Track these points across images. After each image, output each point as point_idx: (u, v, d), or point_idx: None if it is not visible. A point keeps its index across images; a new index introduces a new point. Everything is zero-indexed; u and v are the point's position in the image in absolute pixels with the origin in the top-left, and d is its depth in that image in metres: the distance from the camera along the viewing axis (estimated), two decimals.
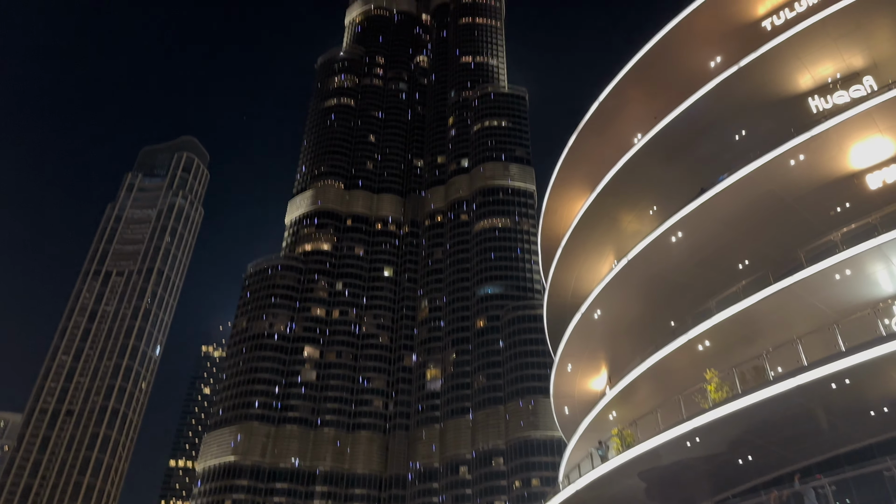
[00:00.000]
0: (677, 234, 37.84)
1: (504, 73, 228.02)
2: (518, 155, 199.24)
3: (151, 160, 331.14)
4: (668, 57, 45.20)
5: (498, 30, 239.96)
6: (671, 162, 43.11)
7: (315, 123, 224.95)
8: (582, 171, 50.85)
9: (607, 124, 48.70)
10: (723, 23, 43.29)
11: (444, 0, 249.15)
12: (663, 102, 43.64)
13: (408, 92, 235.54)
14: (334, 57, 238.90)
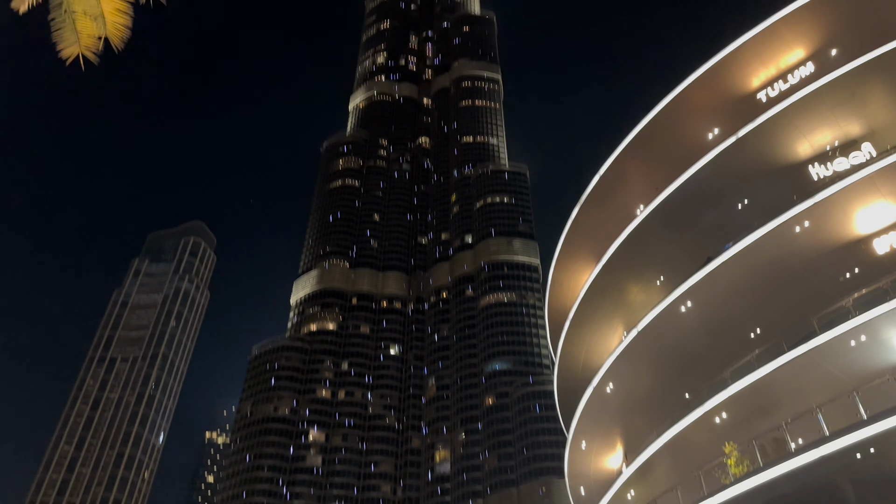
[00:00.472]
0: (686, 303, 37.50)
1: (504, 151, 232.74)
2: (521, 230, 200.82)
3: (159, 245, 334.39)
4: (667, 129, 46.01)
5: (497, 111, 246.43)
6: (675, 232, 43.22)
7: (320, 204, 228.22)
8: (586, 244, 50.92)
9: (609, 196, 49.13)
10: (718, 96, 44.27)
11: (445, 85, 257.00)
12: (664, 174, 44.12)
13: (411, 172, 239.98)
14: (339, 140, 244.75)
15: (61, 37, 8.65)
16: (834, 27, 40.16)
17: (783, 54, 41.88)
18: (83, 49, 8.72)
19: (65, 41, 8.66)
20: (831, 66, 38.35)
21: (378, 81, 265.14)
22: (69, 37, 8.63)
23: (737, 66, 42.94)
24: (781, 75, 42.46)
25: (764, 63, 42.43)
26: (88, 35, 8.66)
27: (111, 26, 8.60)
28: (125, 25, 8.62)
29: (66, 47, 8.66)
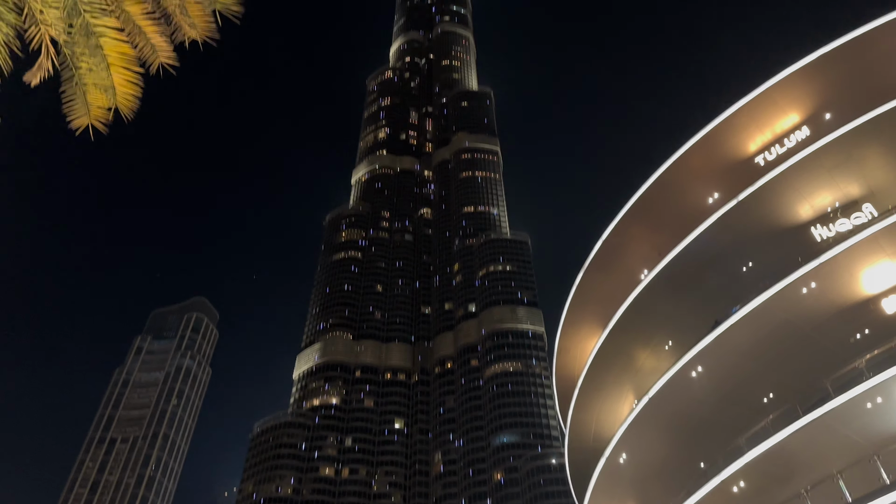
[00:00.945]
0: (697, 368, 36.92)
1: (505, 219, 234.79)
2: (525, 298, 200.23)
3: (161, 322, 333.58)
4: (667, 194, 46.43)
5: (497, 181, 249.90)
6: (681, 296, 42.98)
7: (323, 277, 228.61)
8: (591, 309, 50.59)
9: (613, 261, 49.12)
10: (716, 161, 44.87)
11: (445, 157, 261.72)
12: (667, 238, 44.25)
13: (413, 242, 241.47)
14: (342, 213, 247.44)
15: (72, 108, 8.79)
16: (826, 92, 41.08)
17: (778, 119, 42.69)
18: (93, 120, 8.85)
19: (75, 112, 8.80)
20: (826, 129, 38.99)
21: (380, 155, 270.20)
22: (80, 108, 8.78)
23: (733, 131, 43.71)
24: (778, 139, 43.16)
25: (760, 128, 43.21)
26: (98, 106, 8.80)
27: (121, 97, 8.75)
28: (135, 95, 8.77)
29: (77, 118, 8.80)
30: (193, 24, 8.56)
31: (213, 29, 8.57)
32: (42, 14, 8.26)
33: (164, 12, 8.67)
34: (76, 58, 8.54)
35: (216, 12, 8.50)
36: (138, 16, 8.53)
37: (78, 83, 8.64)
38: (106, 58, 8.43)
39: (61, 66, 8.63)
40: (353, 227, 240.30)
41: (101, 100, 8.75)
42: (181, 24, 8.65)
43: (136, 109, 8.70)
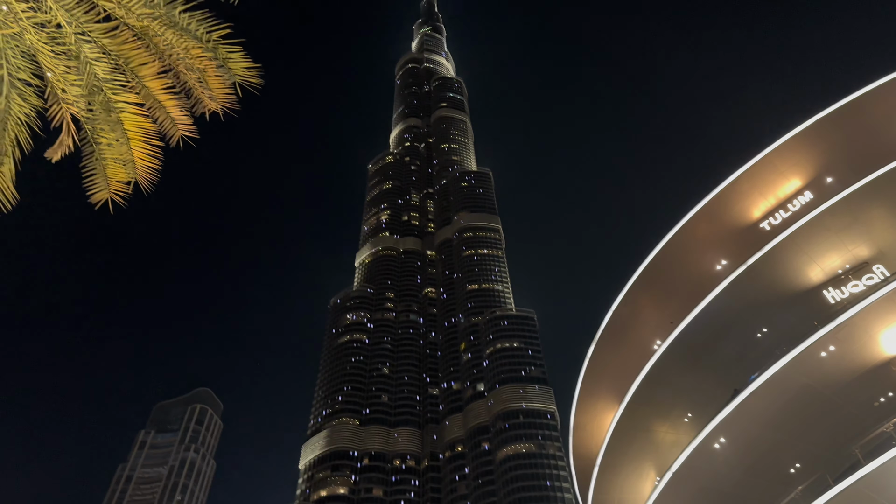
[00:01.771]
0: (719, 440, 35.76)
1: (510, 296, 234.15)
2: (534, 375, 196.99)
3: (165, 415, 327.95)
4: (674, 263, 46.31)
5: (500, 258, 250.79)
6: (697, 366, 42.18)
7: (328, 361, 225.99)
8: (606, 383, 49.58)
9: (624, 333, 48.49)
10: (722, 227, 44.97)
11: (447, 237, 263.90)
12: (677, 307, 43.84)
13: (418, 323, 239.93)
14: (346, 296, 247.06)
15: (91, 183, 8.77)
16: (826, 156, 41.59)
17: (780, 184, 43.05)
18: (111, 194, 8.81)
19: (95, 187, 8.77)
20: (829, 192, 39.27)
21: (382, 237, 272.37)
22: (100, 183, 8.74)
23: (736, 197, 44.02)
24: (781, 204, 43.38)
25: (763, 194, 43.51)
26: (118, 181, 8.77)
27: (141, 170, 8.74)
28: (154, 168, 8.75)
29: (97, 192, 8.76)
30: (213, 96, 8.62)
31: (232, 100, 8.63)
32: (64, 93, 8.33)
33: (184, 86, 8.75)
34: (97, 133, 8.58)
35: (236, 84, 8.56)
36: (158, 91, 8.61)
37: (98, 158, 8.64)
38: (126, 132, 8.47)
39: (82, 142, 8.66)
40: (357, 310, 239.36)
41: (121, 174, 8.74)
42: (201, 97, 8.72)
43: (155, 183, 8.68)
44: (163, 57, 8.39)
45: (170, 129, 8.73)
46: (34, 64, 8.37)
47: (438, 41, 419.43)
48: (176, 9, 8.17)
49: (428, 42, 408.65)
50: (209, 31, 8.30)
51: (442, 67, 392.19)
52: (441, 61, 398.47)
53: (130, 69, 8.36)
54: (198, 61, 8.30)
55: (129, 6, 7.91)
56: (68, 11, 7.93)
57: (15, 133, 8.49)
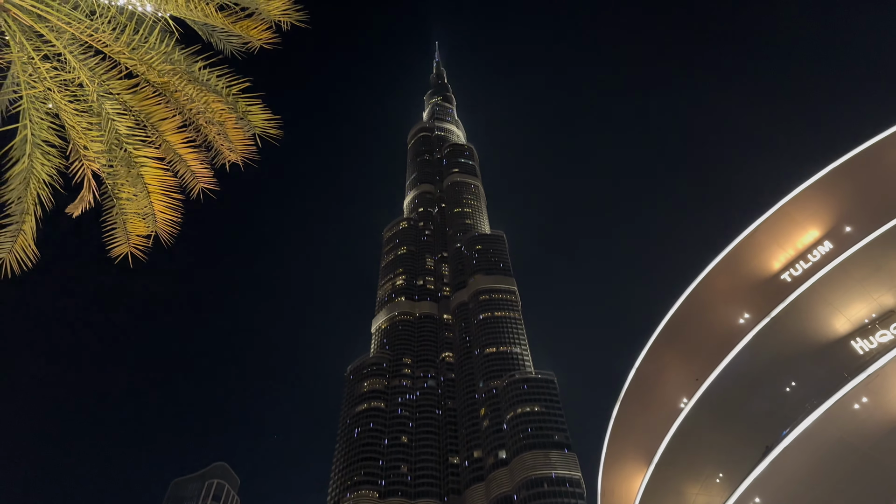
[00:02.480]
0: (754, 500, 34.33)
1: (529, 359, 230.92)
2: (557, 440, 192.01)
3: (181, 491, 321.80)
4: (695, 318, 45.60)
5: (517, 320, 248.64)
6: (726, 423, 40.91)
7: (346, 431, 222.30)
8: (632, 445, 48.15)
9: (649, 391, 47.39)
10: (742, 280, 44.43)
11: (463, 300, 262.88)
12: (702, 363, 42.94)
13: (436, 388, 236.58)
14: (363, 363, 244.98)
15: (112, 237, 8.76)
16: (843, 205, 41.31)
17: (798, 235, 42.67)
18: (131, 248, 8.78)
19: (116, 241, 8.76)
20: (848, 241, 38.85)
21: (398, 302, 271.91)
22: (120, 237, 8.74)
23: (754, 250, 43.62)
24: (801, 255, 42.89)
25: (781, 245, 43.09)
26: (138, 234, 8.76)
27: (162, 223, 8.73)
28: (175, 220, 8.75)
29: (117, 247, 8.74)
30: (233, 147, 8.68)
31: (252, 151, 8.68)
32: (86, 150, 8.42)
33: (204, 139, 8.83)
34: (117, 188, 8.63)
35: (255, 136, 8.63)
36: (178, 144, 8.69)
37: (118, 212, 8.67)
38: (147, 186, 8.51)
39: (102, 197, 8.70)
40: (374, 377, 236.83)
41: (140, 228, 8.74)
42: (221, 149, 8.78)
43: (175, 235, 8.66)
44: (183, 111, 8.50)
45: (190, 181, 8.78)
46: (56, 123, 8.49)
47: (448, 110, 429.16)
48: (196, 64, 8.31)
49: (438, 111, 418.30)
50: (229, 86, 8.43)
51: (452, 135, 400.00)
52: (452, 129, 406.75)
53: (151, 124, 8.47)
54: (218, 114, 8.39)
55: (150, 62, 8.06)
56: (91, 70, 8.08)
57: (37, 191, 8.54)
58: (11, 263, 8.51)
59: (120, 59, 8.11)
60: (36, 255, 8.58)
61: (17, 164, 8.47)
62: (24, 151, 8.48)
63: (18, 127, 8.42)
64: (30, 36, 7.84)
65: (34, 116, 8.36)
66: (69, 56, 7.93)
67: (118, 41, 7.89)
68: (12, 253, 8.48)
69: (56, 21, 7.71)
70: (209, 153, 8.88)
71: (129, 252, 8.72)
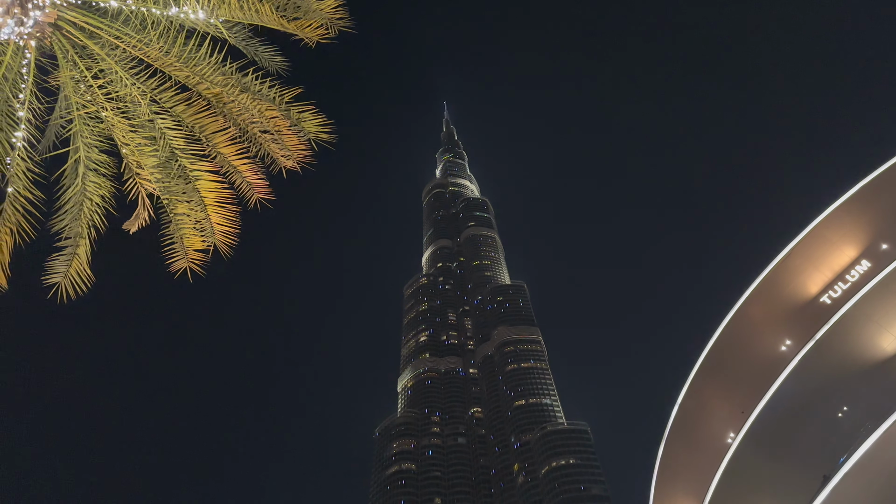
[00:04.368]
0: None
1: (560, 409, 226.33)
2: (595, 493, 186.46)
3: None
4: (735, 349, 44.45)
5: (545, 371, 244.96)
6: (777, 455, 39.32)
7: (378, 495, 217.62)
8: (681, 485, 46.34)
9: (693, 428, 45.87)
10: (779, 306, 43.42)
11: (488, 352, 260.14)
12: (746, 395, 41.61)
13: (467, 445, 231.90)
14: (391, 423, 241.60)
15: (171, 252, 8.57)
16: (877, 223, 40.55)
17: (834, 256, 41.81)
18: (190, 263, 8.57)
19: (174, 256, 8.56)
20: (886, 259, 37.99)
21: (423, 359, 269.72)
22: (178, 252, 8.55)
23: (790, 275, 42.74)
24: (839, 277, 41.92)
25: (817, 267, 42.21)
26: (195, 249, 8.57)
27: (219, 236, 8.54)
28: (233, 232, 8.54)
29: (175, 262, 8.55)
30: (289, 154, 8.54)
31: (307, 156, 8.52)
32: (139, 167, 8.30)
33: (258, 150, 8.70)
34: (173, 204, 8.48)
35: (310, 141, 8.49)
36: (233, 156, 8.56)
37: (175, 228, 8.50)
38: (203, 199, 8.35)
39: (158, 213, 8.55)
40: (403, 437, 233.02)
41: (197, 243, 8.56)
42: (276, 156, 8.64)
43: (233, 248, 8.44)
44: (236, 122, 8.39)
45: (247, 193, 8.62)
46: (108, 143, 8.40)
47: (461, 165, 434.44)
48: (248, 75, 8.23)
49: (451, 167, 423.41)
50: (280, 95, 8.33)
51: (466, 189, 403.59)
52: (465, 183, 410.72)
53: (205, 137, 8.36)
54: (272, 122, 8.28)
55: (203, 74, 8.00)
56: (143, 85, 8.01)
57: (91, 214, 8.39)
58: (66, 288, 8.33)
59: (171, 73, 8.05)
60: (90, 278, 8.38)
61: (71, 188, 8.36)
62: (76, 174, 8.37)
63: (70, 151, 8.34)
64: (81, 54, 7.80)
65: (86, 138, 8.27)
66: (121, 72, 7.88)
67: (169, 55, 7.84)
68: (67, 277, 8.30)
69: (108, 37, 7.68)
70: (263, 164, 8.76)
71: (187, 267, 8.55)
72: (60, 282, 8.31)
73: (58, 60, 8.04)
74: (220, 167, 8.56)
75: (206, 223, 8.46)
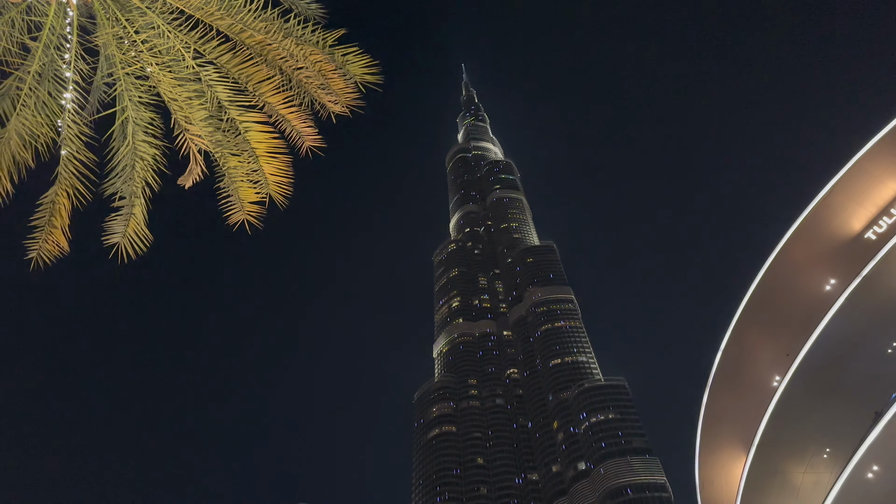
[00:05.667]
0: (871, 469, 32.30)
1: (596, 366, 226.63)
2: (636, 446, 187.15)
3: None
4: (779, 291, 43.75)
5: (579, 329, 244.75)
6: (826, 395, 38.86)
7: (421, 458, 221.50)
8: (727, 431, 46.22)
9: (737, 374, 45.52)
10: (822, 245, 42.50)
11: (521, 314, 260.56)
12: (791, 337, 41.07)
13: (505, 406, 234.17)
14: (429, 389, 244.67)
15: (227, 205, 8.54)
16: None
17: (877, 190, 40.64)
18: (247, 215, 8.54)
19: (231, 209, 8.54)
20: None
21: (456, 324, 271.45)
22: (235, 205, 8.52)
23: (832, 212, 41.71)
24: (883, 211, 40.80)
25: (860, 203, 41.11)
26: (250, 202, 8.53)
27: (274, 186, 8.47)
28: (287, 182, 8.46)
29: (233, 214, 8.52)
30: (337, 99, 8.38)
31: (355, 98, 8.36)
32: (188, 122, 8.21)
33: (303, 98, 8.56)
34: (224, 157, 8.41)
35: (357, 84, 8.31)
36: (280, 105, 8.43)
37: (229, 181, 8.45)
38: (255, 151, 8.27)
39: (212, 167, 8.51)
40: (442, 401, 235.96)
41: (251, 195, 8.51)
42: (324, 102, 8.49)
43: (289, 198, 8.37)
44: (281, 69, 8.24)
45: (297, 142, 8.51)
46: (155, 100, 8.31)
47: (483, 128, 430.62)
48: (290, 20, 8.05)
49: (473, 131, 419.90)
50: (324, 38, 8.14)
51: (490, 152, 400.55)
52: (488, 146, 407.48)
53: (251, 87, 8.24)
54: (317, 66, 8.10)
55: (245, 22, 7.82)
56: (186, 37, 7.87)
57: (143, 172, 8.35)
58: (126, 248, 8.35)
59: (213, 23, 7.90)
60: (148, 238, 8.38)
61: (121, 148, 8.31)
62: (125, 134, 8.32)
63: (117, 111, 8.27)
64: (121, 8, 7.67)
65: (133, 97, 8.19)
66: (163, 25, 7.74)
67: (209, 3, 7.68)
68: (126, 237, 8.31)
69: None
70: (310, 111, 8.62)
71: (245, 219, 8.51)
72: (120, 242, 8.35)
73: (97, 20, 7.93)
74: (269, 116, 8.45)
75: (260, 174, 8.40)
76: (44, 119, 7.81)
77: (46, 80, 7.80)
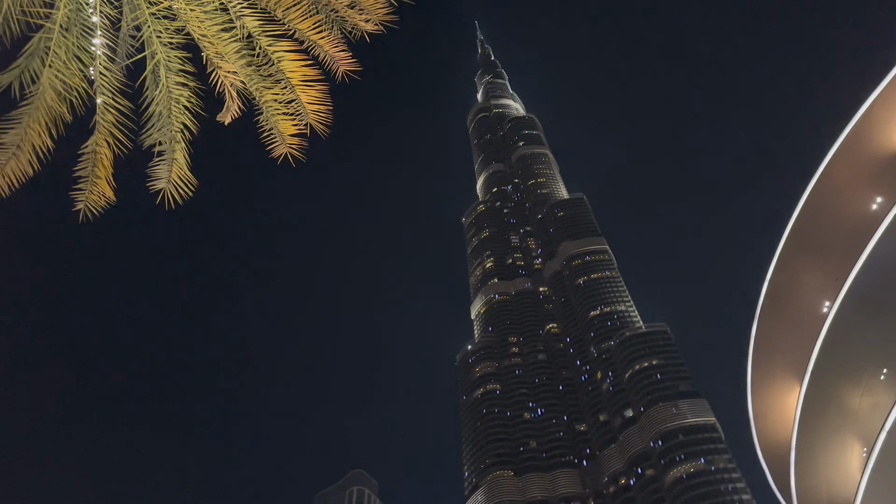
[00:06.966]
0: None
1: (636, 314, 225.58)
2: (683, 390, 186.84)
3: (326, 503, 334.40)
4: (823, 215, 42.60)
5: (615, 279, 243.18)
6: (879, 316, 37.98)
7: (468, 418, 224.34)
8: (778, 362, 45.63)
9: (786, 303, 44.71)
10: (866, 163, 41.11)
11: (556, 269, 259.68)
12: (839, 261, 40.04)
13: (548, 361, 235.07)
14: (470, 350, 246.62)
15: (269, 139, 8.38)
16: None
17: None
18: (288, 148, 8.37)
19: (273, 143, 8.38)
20: None
21: (492, 285, 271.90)
22: (276, 139, 8.35)
23: (875, 127, 40.17)
24: None
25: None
26: (290, 135, 8.34)
27: (314, 116, 8.25)
28: (326, 110, 8.23)
29: (275, 147, 8.37)
30: (368, 17, 8.10)
31: (389, 13, 8.05)
32: (219, 57, 7.99)
33: (336, 16, 8.27)
34: (260, 91, 8.21)
35: None
36: (311, 30, 8.15)
37: (268, 115, 8.27)
38: (290, 80, 8.05)
39: (249, 102, 8.33)
40: (484, 361, 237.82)
41: (290, 128, 8.32)
42: (355, 22, 8.21)
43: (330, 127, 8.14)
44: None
45: (332, 67, 8.26)
46: (186, 38, 8.09)
47: (502, 85, 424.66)
48: None
49: (492, 89, 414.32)
50: None
51: (511, 109, 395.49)
52: (509, 103, 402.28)
53: (280, 13, 7.98)
54: None
55: None
56: None
57: (181, 117, 8.18)
58: (171, 193, 8.26)
59: None
60: (192, 182, 8.26)
61: (156, 93, 8.15)
62: (158, 78, 8.15)
63: (147, 55, 8.09)
64: None
65: (163, 38, 7.99)
66: None
67: None
68: (171, 183, 8.22)
69: None
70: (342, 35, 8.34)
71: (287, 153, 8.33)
72: (165, 188, 8.25)
73: None
74: (301, 43, 8.20)
75: (298, 104, 8.18)
76: (75, 68, 7.67)
77: (74, 27, 7.64)
